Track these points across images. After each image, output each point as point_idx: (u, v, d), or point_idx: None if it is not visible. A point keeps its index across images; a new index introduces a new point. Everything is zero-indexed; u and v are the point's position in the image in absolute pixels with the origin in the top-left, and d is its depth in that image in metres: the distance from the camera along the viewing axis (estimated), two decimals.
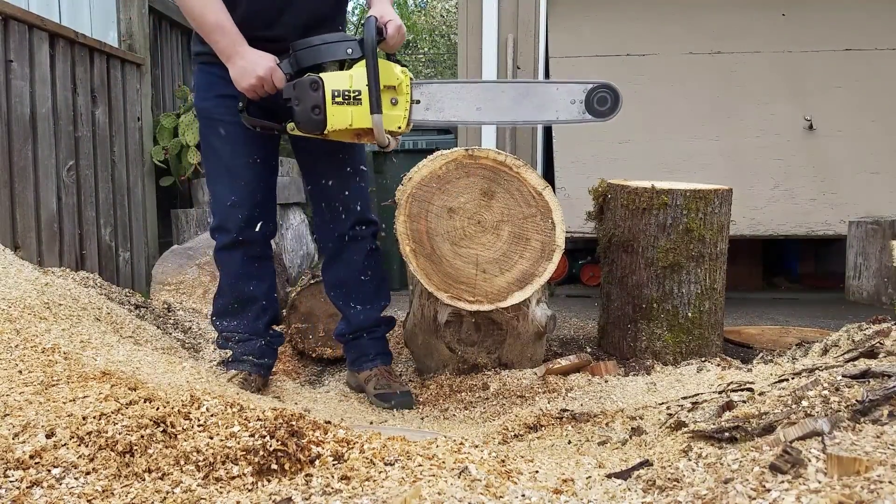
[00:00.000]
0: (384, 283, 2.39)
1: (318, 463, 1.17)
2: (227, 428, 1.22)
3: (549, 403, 2.03)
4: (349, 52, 1.92)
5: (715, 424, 1.30)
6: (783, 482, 0.94)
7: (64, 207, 3.25)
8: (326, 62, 1.93)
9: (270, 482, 1.13)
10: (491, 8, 4.53)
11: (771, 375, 1.72)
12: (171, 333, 2.73)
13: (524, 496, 1.07)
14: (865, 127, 4.19)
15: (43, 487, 1.07)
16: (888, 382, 1.19)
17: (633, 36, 4.51)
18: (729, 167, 4.09)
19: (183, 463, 1.15)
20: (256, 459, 1.15)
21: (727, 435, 1.23)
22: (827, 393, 1.23)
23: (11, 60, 2.91)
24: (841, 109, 4.23)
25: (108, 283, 3.08)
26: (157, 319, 2.84)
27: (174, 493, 1.09)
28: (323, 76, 1.89)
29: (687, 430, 1.35)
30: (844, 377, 1.29)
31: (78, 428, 1.20)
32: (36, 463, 1.12)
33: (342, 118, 1.89)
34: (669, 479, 1.10)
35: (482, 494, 1.06)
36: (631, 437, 1.53)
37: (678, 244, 2.55)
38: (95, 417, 1.23)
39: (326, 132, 1.93)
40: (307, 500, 1.06)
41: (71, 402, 1.31)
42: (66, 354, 1.64)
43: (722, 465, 1.08)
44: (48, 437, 1.18)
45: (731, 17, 4.54)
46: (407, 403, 2.22)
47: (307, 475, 1.14)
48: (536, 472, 1.23)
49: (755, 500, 0.92)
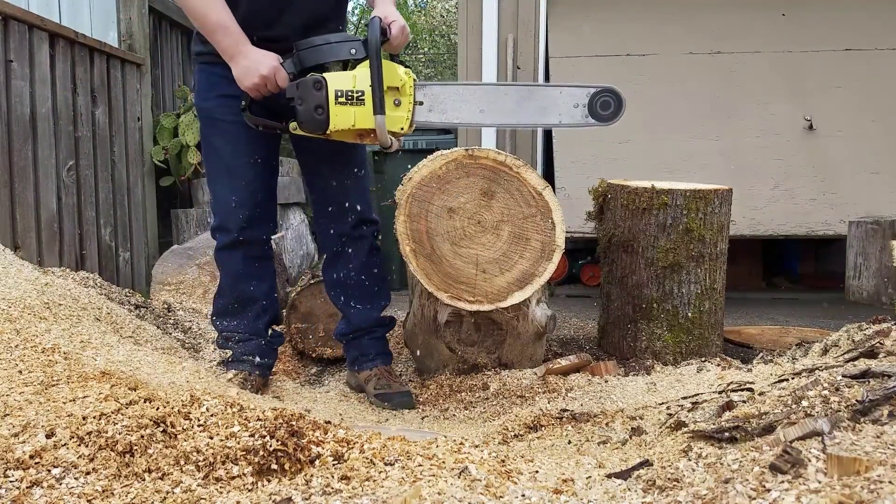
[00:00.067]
0: (384, 283, 2.39)
1: (318, 463, 1.17)
2: (227, 428, 1.22)
3: (549, 403, 2.03)
4: (353, 52, 1.92)
5: (715, 424, 1.30)
6: (783, 482, 0.94)
7: (64, 207, 3.25)
8: (330, 62, 1.93)
9: (270, 482, 1.13)
10: (491, 8, 4.53)
11: (771, 375, 1.72)
12: (171, 333, 2.73)
13: (524, 496, 1.07)
14: (865, 127, 4.19)
15: (43, 487, 1.07)
16: (888, 382, 1.19)
17: (633, 36, 4.51)
18: (729, 167, 4.08)
19: (183, 463, 1.15)
20: (256, 459, 1.15)
21: (727, 435, 1.23)
22: (827, 393, 1.23)
23: (11, 60, 2.91)
24: (841, 109, 4.23)
25: (108, 283, 3.08)
26: (157, 319, 2.84)
27: (174, 493, 1.09)
28: (326, 76, 1.89)
29: (687, 430, 1.35)
30: (844, 377, 1.29)
31: (78, 428, 1.20)
32: (36, 463, 1.12)
33: (345, 118, 1.89)
34: (669, 479, 1.10)
35: (482, 494, 1.06)
36: (631, 437, 1.53)
37: (678, 244, 2.55)
38: (95, 417, 1.23)
39: (329, 132, 1.93)
40: (307, 500, 1.06)
41: (71, 402, 1.31)
42: (66, 354, 1.64)
43: (722, 465, 1.08)
44: (48, 437, 1.18)
45: (731, 17, 4.54)
46: (407, 403, 2.22)
47: (307, 475, 1.14)
48: (536, 472, 1.23)
49: (755, 500, 0.92)
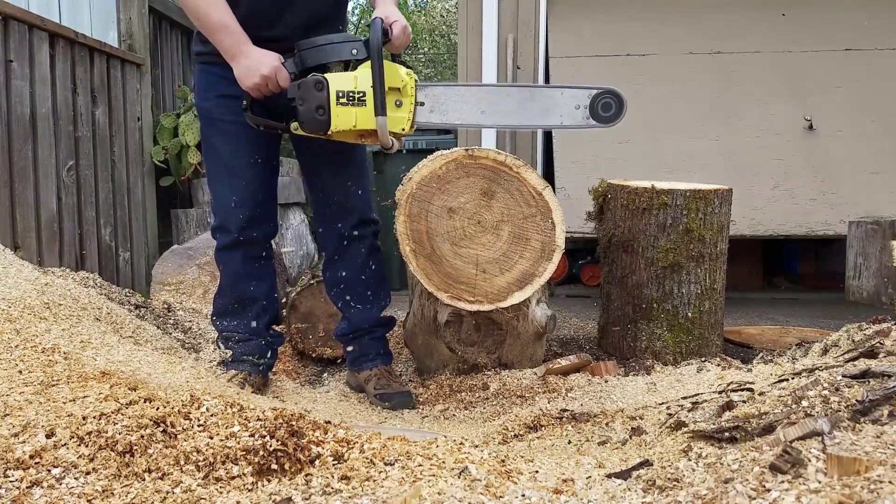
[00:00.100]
0: (384, 282, 2.39)
1: (318, 463, 1.17)
2: (227, 428, 1.22)
3: (549, 403, 2.03)
4: (354, 52, 1.91)
5: (715, 424, 1.30)
6: (783, 482, 0.94)
7: (64, 207, 3.25)
8: (331, 62, 1.92)
9: (270, 482, 1.13)
10: (491, 8, 4.52)
11: (771, 375, 1.72)
12: (171, 333, 2.73)
13: (524, 496, 1.07)
14: (865, 127, 4.19)
15: (43, 487, 1.07)
16: (888, 382, 1.19)
17: (633, 36, 4.51)
18: (729, 167, 4.08)
19: (183, 463, 1.15)
20: (256, 459, 1.15)
21: (727, 435, 1.23)
22: (827, 393, 1.23)
23: (11, 60, 2.91)
24: (841, 109, 4.23)
25: (108, 283, 3.08)
26: (157, 319, 2.84)
27: (174, 493, 1.09)
28: (328, 76, 1.89)
29: (687, 430, 1.35)
30: (844, 377, 1.29)
31: (78, 428, 1.20)
32: (36, 463, 1.12)
33: (346, 119, 1.89)
34: (669, 479, 1.10)
35: (482, 494, 1.06)
36: (631, 437, 1.53)
37: (678, 244, 2.55)
38: (95, 417, 1.23)
39: (330, 133, 1.92)
40: (307, 500, 1.06)
41: (71, 402, 1.31)
42: (66, 354, 1.64)
43: (722, 465, 1.08)
44: (48, 437, 1.18)
45: (731, 17, 4.54)
46: (407, 403, 2.22)
47: (307, 475, 1.14)
48: (536, 472, 1.23)
49: (755, 500, 0.92)
